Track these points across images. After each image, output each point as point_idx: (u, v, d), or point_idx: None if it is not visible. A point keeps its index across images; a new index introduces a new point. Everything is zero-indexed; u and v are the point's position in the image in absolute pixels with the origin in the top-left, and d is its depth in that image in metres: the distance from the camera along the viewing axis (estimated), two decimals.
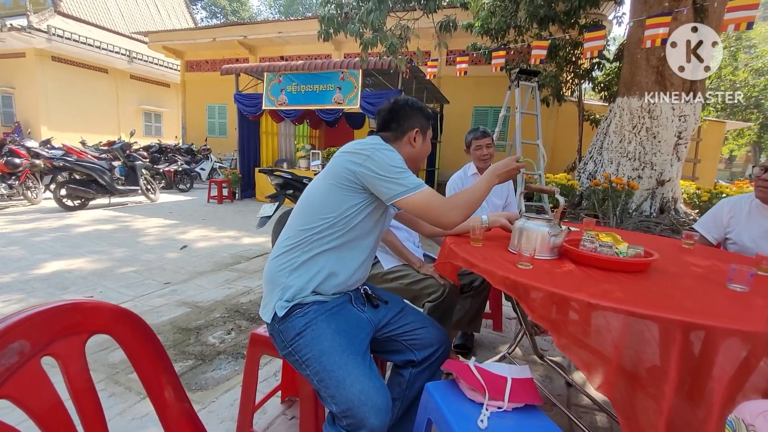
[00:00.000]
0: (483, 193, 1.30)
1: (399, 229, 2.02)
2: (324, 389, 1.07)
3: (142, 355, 0.76)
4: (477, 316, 2.13)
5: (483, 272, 1.16)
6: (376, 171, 1.16)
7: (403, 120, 1.35)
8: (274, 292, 1.23)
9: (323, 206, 1.21)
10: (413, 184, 1.17)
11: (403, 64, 5.27)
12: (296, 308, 1.19)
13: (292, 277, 1.20)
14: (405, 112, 1.35)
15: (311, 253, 1.20)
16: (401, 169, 1.19)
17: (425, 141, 1.40)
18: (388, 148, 1.21)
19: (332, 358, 1.08)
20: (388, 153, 1.19)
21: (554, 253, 1.29)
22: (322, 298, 1.23)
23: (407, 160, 1.32)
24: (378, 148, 1.20)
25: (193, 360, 2.09)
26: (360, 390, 1.02)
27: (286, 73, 7.30)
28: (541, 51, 4.76)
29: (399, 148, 1.34)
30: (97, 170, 6.28)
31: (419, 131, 1.36)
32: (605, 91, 8.02)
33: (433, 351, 1.32)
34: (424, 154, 1.42)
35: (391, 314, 1.34)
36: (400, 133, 1.35)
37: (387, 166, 1.16)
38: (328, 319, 1.17)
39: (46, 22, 13.11)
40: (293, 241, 1.22)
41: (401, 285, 1.82)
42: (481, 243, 1.43)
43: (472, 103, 10.62)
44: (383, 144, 1.24)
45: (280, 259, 1.23)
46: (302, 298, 1.19)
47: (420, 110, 1.37)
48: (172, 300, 2.88)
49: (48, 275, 3.27)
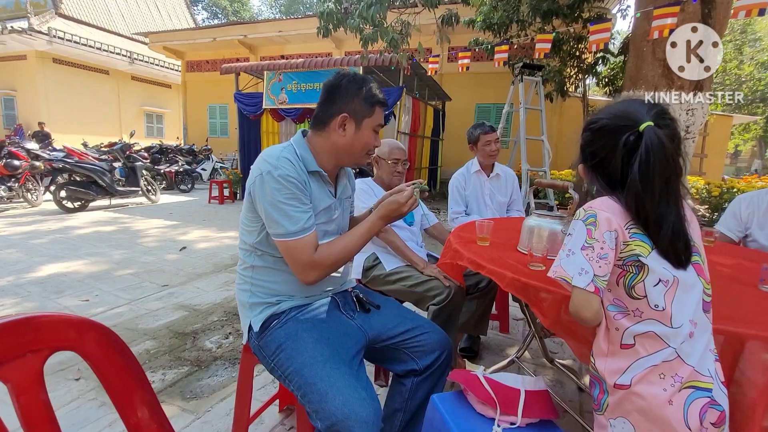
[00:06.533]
0: (360, 244, 1.13)
1: (401, 228, 1.93)
2: (308, 404, 0.97)
3: (113, 373, 0.67)
4: (483, 319, 2.05)
5: (491, 274, 1.08)
6: (260, 197, 1.05)
7: (334, 101, 1.13)
8: (245, 307, 1.17)
9: (247, 219, 1.16)
10: (287, 231, 1.03)
11: (404, 60, 5.18)
12: (272, 319, 1.11)
13: (251, 293, 1.17)
14: (338, 91, 1.13)
15: (255, 265, 1.16)
16: (287, 204, 1.03)
17: (360, 130, 1.14)
18: (279, 178, 1.03)
19: (313, 369, 0.99)
20: (273, 185, 1.03)
21: None
22: (297, 301, 1.15)
23: (334, 153, 1.16)
24: (271, 173, 1.03)
25: (189, 366, 2.01)
26: (343, 402, 0.92)
27: (286, 71, 7.22)
28: (546, 45, 4.65)
29: (324, 139, 1.15)
30: (97, 171, 6.22)
31: (349, 117, 1.12)
32: (610, 85, 7.89)
33: (435, 357, 1.23)
34: (360, 147, 1.16)
35: (386, 320, 1.24)
36: (328, 117, 1.14)
37: (270, 199, 1.03)
38: (309, 329, 1.09)
39: (46, 24, 13.09)
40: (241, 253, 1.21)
41: (404, 287, 1.74)
42: (488, 242, 1.35)
43: (474, 100, 10.51)
44: (283, 166, 1.04)
45: (240, 274, 1.21)
46: (275, 307, 1.13)
47: (358, 90, 1.12)
48: (169, 303, 2.80)
49: (44, 279, 3.21)
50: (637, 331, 0.77)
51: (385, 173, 1.93)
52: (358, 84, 1.13)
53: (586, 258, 0.78)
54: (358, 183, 1.84)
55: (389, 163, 1.89)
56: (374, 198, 1.81)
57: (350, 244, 1.12)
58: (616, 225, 0.78)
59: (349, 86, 1.13)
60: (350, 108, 1.13)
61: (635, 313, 0.78)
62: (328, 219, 1.19)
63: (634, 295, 0.78)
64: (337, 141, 1.15)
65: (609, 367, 0.79)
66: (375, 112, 1.16)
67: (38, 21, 12.92)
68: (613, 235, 0.78)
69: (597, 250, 0.77)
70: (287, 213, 1.03)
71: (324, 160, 1.17)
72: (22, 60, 13.34)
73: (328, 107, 1.14)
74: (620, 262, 0.79)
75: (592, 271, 0.77)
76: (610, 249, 0.77)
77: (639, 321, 0.78)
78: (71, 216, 5.92)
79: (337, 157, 1.18)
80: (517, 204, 2.58)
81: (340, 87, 1.13)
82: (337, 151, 1.16)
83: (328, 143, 1.16)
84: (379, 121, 1.18)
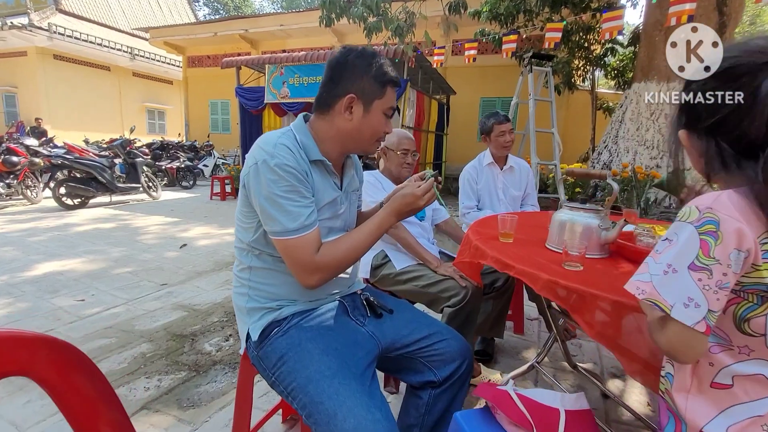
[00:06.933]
0: (370, 243, 0.99)
1: (411, 223, 1.80)
2: (314, 426, 0.84)
3: (73, 398, 0.55)
4: (500, 320, 1.92)
5: (521, 275, 0.95)
6: (255, 189, 0.93)
7: (340, 81, 0.98)
8: (242, 312, 1.05)
9: (242, 214, 1.03)
10: (284, 228, 0.90)
11: (409, 50, 5.03)
12: (273, 327, 0.99)
13: (249, 297, 1.05)
14: (344, 68, 0.98)
15: (253, 266, 1.04)
16: (284, 198, 0.90)
17: (369, 114, 0.99)
18: (275, 167, 0.89)
19: (320, 385, 0.86)
20: (269, 176, 0.90)
21: (604, 250, 1.07)
22: (301, 306, 1.03)
23: (340, 140, 1.02)
24: (267, 162, 0.90)
25: (186, 371, 1.89)
26: (354, 426, 0.79)
27: (287, 64, 7.07)
28: (556, 34, 4.49)
29: (328, 123, 1.01)
30: (97, 168, 6.12)
31: (357, 98, 0.97)
32: (619, 77, 7.71)
33: (455, 367, 1.10)
34: (370, 132, 1.01)
35: (400, 326, 1.11)
36: (332, 99, 0.99)
37: (266, 192, 0.91)
38: (315, 338, 0.96)
39: (47, 20, 13.00)
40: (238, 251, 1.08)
41: (416, 287, 1.61)
42: (511, 238, 1.22)
43: (479, 94, 10.33)
44: (281, 154, 0.91)
45: (237, 275, 1.09)
46: (276, 313, 1.00)
47: (367, 67, 0.97)
48: (167, 303, 2.69)
49: (39, 277, 3.10)
50: (741, 372, 0.61)
51: (393, 165, 1.80)
52: (367, 60, 0.98)
53: (698, 284, 0.56)
54: (365, 175, 1.71)
55: (398, 153, 1.76)
56: (383, 191, 1.69)
57: (358, 243, 0.99)
58: (751, 241, 0.54)
59: (356, 63, 0.98)
60: (358, 88, 0.98)
61: (742, 350, 0.61)
62: (333, 214, 1.06)
63: (746, 330, 0.59)
64: (343, 126, 1.01)
65: (693, 407, 0.64)
66: (386, 92, 1.01)
67: (38, 17, 12.83)
68: (742, 257, 0.55)
69: (717, 276, 0.55)
70: (285, 208, 0.90)
71: (328, 147, 1.03)
72: (22, 56, 13.24)
73: (332, 87, 0.99)
74: (738, 287, 0.58)
75: (705, 305, 0.56)
76: (734, 274, 0.55)
77: (745, 360, 0.61)
78: (71, 213, 5.82)
79: (342, 144, 1.04)
80: (532, 198, 2.45)
81: (347, 64, 0.98)
82: (343, 137, 1.02)
83: (333, 128, 1.02)
84: (390, 104, 1.03)
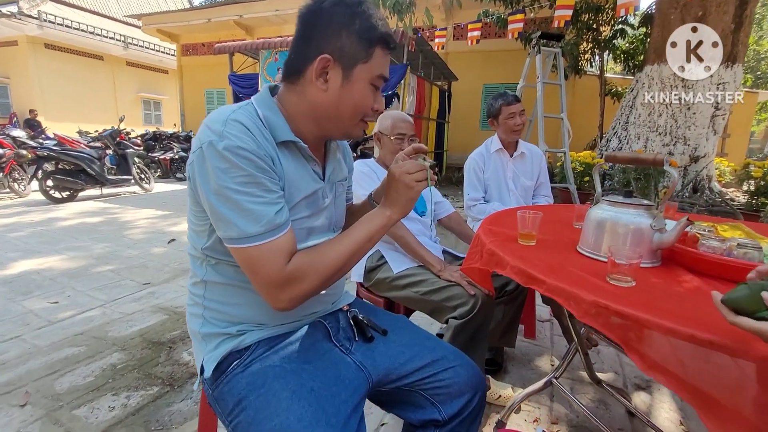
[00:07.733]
0: (364, 250, 0.75)
1: (411, 219, 1.57)
2: None
3: None
4: (511, 328, 1.70)
5: (556, 294, 0.71)
6: (201, 182, 0.69)
7: (311, 38, 0.73)
8: (197, 339, 0.83)
9: (192, 214, 0.79)
10: (242, 233, 0.67)
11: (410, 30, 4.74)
12: (232, 359, 0.77)
13: (204, 320, 0.82)
14: (317, 20, 0.72)
15: (208, 280, 0.81)
16: (240, 192, 0.66)
17: (350, 82, 0.74)
18: (225, 152, 0.65)
19: None
20: (217, 164, 0.65)
21: (656, 257, 0.84)
22: (268, 332, 0.81)
23: (313, 116, 0.77)
24: (213, 145, 0.65)
25: (159, 386, 1.68)
26: None
27: (282, 50, 6.78)
28: (567, 11, 4.20)
29: (299, 96, 0.76)
30: (85, 159, 5.87)
31: (333, 60, 0.72)
32: (629, 61, 7.39)
33: (465, 402, 0.87)
34: (350, 107, 0.76)
35: (397, 352, 0.88)
36: (302, 62, 0.74)
37: (215, 185, 0.67)
38: (284, 375, 0.73)
39: (36, 7, 12.65)
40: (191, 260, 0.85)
41: (416, 294, 1.38)
42: (534, 240, 0.98)
43: (481, 81, 9.99)
44: (232, 133, 0.66)
45: (190, 292, 0.86)
46: (236, 341, 0.78)
47: (349, 19, 0.71)
48: (147, 305, 2.48)
49: (13, 277, 2.89)
50: None
51: (388, 152, 1.56)
52: (348, 9, 0.71)
53: None
54: (357, 165, 1.48)
55: (392, 139, 1.51)
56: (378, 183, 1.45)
57: (347, 251, 0.74)
58: None
59: (334, 12, 0.71)
60: (335, 47, 0.72)
61: None
62: (313, 211, 0.82)
63: None
64: (316, 98, 0.75)
65: None
66: (374, 54, 0.74)
67: (28, 5, 12.49)
68: None
69: None
70: (242, 206, 0.66)
71: (302, 126, 0.78)
72: (13, 46, 12.94)
73: (302, 47, 0.74)
74: None
75: None
76: None
77: None
78: (58, 207, 5.60)
79: (317, 123, 0.78)
80: (545, 188, 2.21)
81: (321, 13, 0.72)
82: (317, 113, 0.77)
83: (304, 102, 0.76)
84: (380, 70, 0.76)
